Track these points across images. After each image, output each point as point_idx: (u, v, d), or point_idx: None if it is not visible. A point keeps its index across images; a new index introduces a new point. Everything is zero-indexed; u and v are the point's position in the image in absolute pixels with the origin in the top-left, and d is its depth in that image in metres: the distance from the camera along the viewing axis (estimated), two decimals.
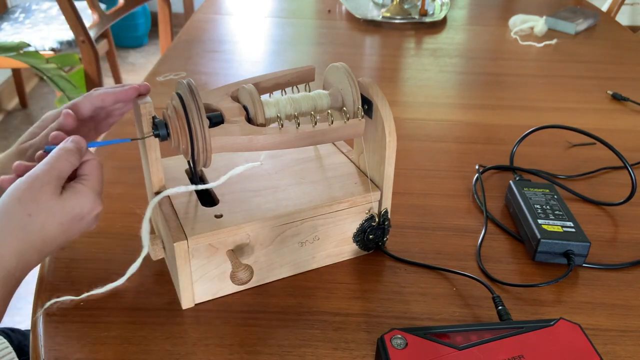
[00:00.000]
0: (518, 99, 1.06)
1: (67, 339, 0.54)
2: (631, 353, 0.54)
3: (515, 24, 1.40)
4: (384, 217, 0.62)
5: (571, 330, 0.51)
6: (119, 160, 0.81)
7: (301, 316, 0.57)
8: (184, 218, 0.55)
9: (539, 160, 0.85)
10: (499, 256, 0.66)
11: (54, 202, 0.47)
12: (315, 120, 0.56)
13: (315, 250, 0.61)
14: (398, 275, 0.62)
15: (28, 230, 0.46)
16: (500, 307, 0.56)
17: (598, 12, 1.53)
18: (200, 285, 0.56)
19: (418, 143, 0.90)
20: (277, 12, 1.54)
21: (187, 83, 0.53)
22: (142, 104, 0.53)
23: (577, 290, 0.61)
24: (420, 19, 1.44)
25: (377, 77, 1.15)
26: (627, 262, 0.65)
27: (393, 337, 0.49)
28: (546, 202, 0.69)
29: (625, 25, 1.52)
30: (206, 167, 0.54)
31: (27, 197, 0.46)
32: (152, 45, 3.37)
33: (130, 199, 0.73)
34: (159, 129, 0.53)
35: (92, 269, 0.62)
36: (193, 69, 1.12)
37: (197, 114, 0.51)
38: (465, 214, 0.73)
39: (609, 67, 1.21)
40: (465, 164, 0.83)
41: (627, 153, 0.76)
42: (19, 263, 0.46)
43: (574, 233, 0.64)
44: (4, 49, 1.51)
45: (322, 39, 1.38)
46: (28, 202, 0.46)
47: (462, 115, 1.00)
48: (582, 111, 1.02)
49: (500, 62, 1.24)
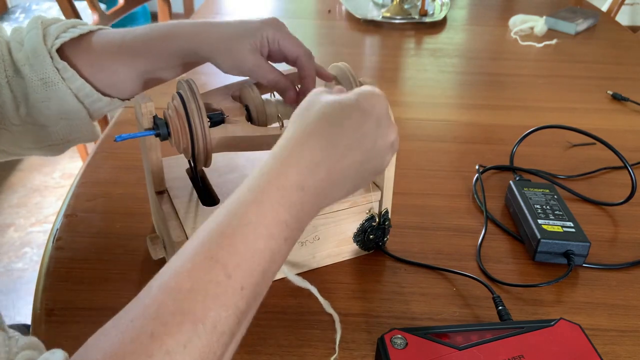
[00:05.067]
0: (518, 99, 1.06)
1: (67, 339, 0.54)
2: (631, 353, 0.54)
3: (515, 24, 1.40)
4: (385, 217, 0.62)
5: (571, 331, 0.51)
6: (119, 160, 0.81)
7: (301, 316, 0.57)
8: (185, 217, 0.55)
9: (539, 160, 0.85)
10: (499, 256, 0.66)
11: (327, 95, 0.44)
12: None
13: (316, 250, 0.61)
14: (398, 275, 0.62)
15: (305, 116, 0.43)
16: (500, 307, 0.56)
17: (598, 12, 1.53)
18: None
19: (418, 143, 0.90)
20: (277, 12, 1.54)
21: (187, 83, 0.53)
22: (143, 104, 0.53)
23: (577, 290, 0.61)
24: (420, 19, 1.44)
25: (377, 77, 1.15)
26: (627, 262, 0.65)
27: (393, 337, 0.49)
28: (546, 202, 0.69)
29: (625, 25, 1.52)
30: (207, 166, 0.55)
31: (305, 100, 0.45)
32: None
33: (130, 199, 0.73)
34: (160, 129, 0.53)
35: (92, 269, 0.62)
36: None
37: (197, 114, 0.51)
38: (465, 214, 0.73)
39: (609, 67, 1.21)
40: (465, 164, 0.83)
41: (627, 153, 0.76)
42: None
43: (574, 233, 0.64)
44: None
45: (322, 39, 1.38)
46: (305, 102, 0.44)
47: (462, 115, 1.00)
48: (582, 111, 1.02)
49: (500, 62, 1.24)
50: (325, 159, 0.41)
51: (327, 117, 0.42)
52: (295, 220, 0.39)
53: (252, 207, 0.38)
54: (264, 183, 0.39)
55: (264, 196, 0.38)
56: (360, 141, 0.42)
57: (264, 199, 0.38)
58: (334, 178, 0.41)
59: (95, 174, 0.78)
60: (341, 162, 0.41)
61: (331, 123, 0.42)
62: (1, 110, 0.57)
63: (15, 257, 1.78)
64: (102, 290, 0.59)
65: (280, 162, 0.40)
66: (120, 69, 0.58)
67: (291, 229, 0.39)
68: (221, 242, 0.36)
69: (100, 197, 0.73)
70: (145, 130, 0.53)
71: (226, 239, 0.36)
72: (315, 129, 0.41)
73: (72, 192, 0.74)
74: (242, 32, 0.56)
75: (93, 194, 0.74)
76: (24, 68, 0.56)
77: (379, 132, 0.43)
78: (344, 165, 0.42)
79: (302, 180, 0.39)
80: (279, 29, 0.57)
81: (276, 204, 0.38)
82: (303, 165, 0.40)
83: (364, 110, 0.42)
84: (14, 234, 1.87)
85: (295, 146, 0.41)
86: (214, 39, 0.56)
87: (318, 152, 0.40)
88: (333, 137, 0.41)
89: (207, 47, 0.56)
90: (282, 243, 0.38)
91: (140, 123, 0.55)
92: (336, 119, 0.42)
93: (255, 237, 0.37)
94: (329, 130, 0.41)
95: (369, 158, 0.43)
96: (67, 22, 0.59)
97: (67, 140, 0.62)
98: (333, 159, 0.41)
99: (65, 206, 0.72)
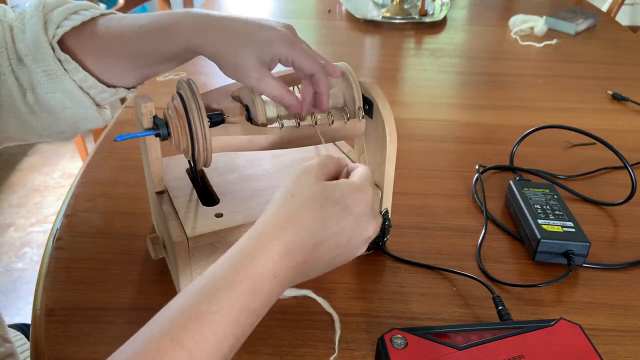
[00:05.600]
0: (518, 99, 1.06)
1: (67, 339, 0.54)
2: (631, 353, 0.54)
3: (515, 24, 1.40)
4: (385, 217, 0.62)
5: (571, 330, 0.51)
6: (119, 160, 0.81)
7: (301, 316, 0.57)
8: (185, 217, 0.55)
9: (539, 160, 0.85)
10: (499, 256, 0.66)
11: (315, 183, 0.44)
12: (315, 120, 0.56)
13: None
14: (398, 275, 0.62)
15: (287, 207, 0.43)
16: (500, 307, 0.56)
17: (598, 12, 1.53)
18: None
19: (418, 143, 0.90)
20: (277, 12, 1.54)
21: (187, 83, 0.53)
22: (143, 104, 0.53)
23: (577, 290, 0.61)
24: (420, 19, 1.44)
25: (377, 77, 1.15)
26: (627, 262, 0.65)
27: (393, 337, 0.49)
28: (546, 202, 0.69)
29: (625, 25, 1.52)
30: (207, 166, 0.55)
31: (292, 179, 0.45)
32: None
33: (130, 199, 0.73)
34: (160, 129, 0.53)
35: (92, 269, 0.62)
36: (193, 69, 1.12)
37: (197, 114, 0.51)
38: (465, 214, 0.73)
39: (609, 67, 1.21)
40: (465, 164, 0.83)
41: (627, 153, 0.76)
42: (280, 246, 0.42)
43: (574, 233, 0.64)
44: None
45: (322, 39, 1.38)
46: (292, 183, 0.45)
47: (462, 115, 1.00)
48: (582, 111, 1.02)
49: (500, 62, 1.24)
50: (301, 249, 0.41)
51: (310, 208, 0.42)
52: (264, 307, 0.40)
53: (223, 294, 0.38)
54: (239, 269, 0.39)
55: (236, 285, 0.39)
56: (337, 236, 0.43)
57: (236, 288, 0.38)
58: (305, 267, 0.43)
59: (95, 174, 0.78)
60: (314, 253, 0.42)
61: (312, 216, 0.42)
62: (8, 98, 0.57)
63: (15, 257, 1.78)
64: (102, 290, 0.59)
65: (258, 247, 0.41)
66: (121, 63, 0.57)
67: (258, 315, 0.40)
68: (190, 327, 0.36)
69: (100, 197, 0.73)
70: (145, 130, 0.53)
71: (195, 324, 0.36)
72: (296, 218, 0.42)
73: (72, 192, 0.74)
74: (252, 42, 0.53)
75: (93, 194, 0.74)
76: (26, 59, 0.55)
77: (357, 230, 0.44)
78: (316, 256, 0.43)
79: (277, 269, 0.40)
80: (293, 46, 0.54)
81: (248, 293, 0.39)
82: (279, 254, 0.40)
83: (345, 207, 0.43)
84: (14, 234, 1.87)
85: (274, 232, 0.41)
86: (221, 44, 0.53)
87: (296, 242, 0.41)
88: (312, 229, 0.42)
89: (212, 49, 0.54)
90: (247, 329, 0.39)
91: (140, 123, 0.55)
92: (318, 212, 0.42)
93: (223, 325, 0.37)
94: (309, 222, 0.42)
95: (342, 252, 0.44)
96: (69, 6, 0.57)
97: (76, 127, 0.61)
98: (308, 249, 0.42)
99: (65, 206, 0.72)
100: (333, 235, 0.43)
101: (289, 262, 0.41)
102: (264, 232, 0.41)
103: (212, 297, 0.38)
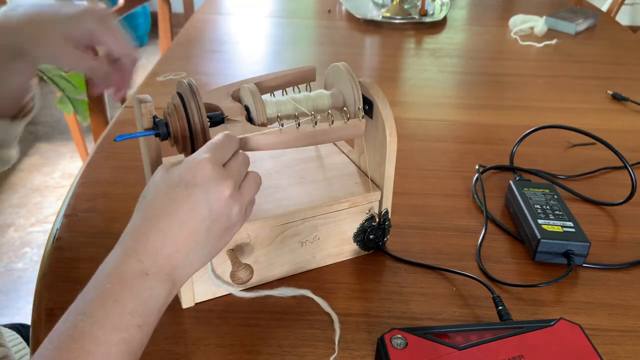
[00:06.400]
0: (518, 99, 1.06)
1: None
2: (631, 353, 0.54)
3: (515, 24, 1.40)
4: (385, 217, 0.62)
5: (571, 330, 0.51)
6: (119, 160, 0.81)
7: (301, 316, 0.57)
8: None
9: (539, 160, 0.85)
10: (499, 256, 0.66)
11: (160, 177, 0.45)
12: (315, 120, 0.56)
13: (316, 250, 0.61)
14: (398, 275, 0.62)
15: (140, 207, 0.45)
16: (500, 307, 0.56)
17: (598, 12, 1.53)
18: (201, 284, 0.56)
19: (418, 143, 0.90)
20: (277, 12, 1.54)
21: (187, 83, 0.53)
22: (143, 104, 0.53)
23: (577, 290, 0.61)
24: (420, 19, 1.44)
25: (377, 77, 1.15)
26: (627, 262, 0.65)
27: (393, 337, 0.49)
28: (546, 202, 0.69)
29: (625, 25, 1.52)
30: None
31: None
32: (152, 45, 3.37)
33: (130, 199, 0.73)
34: (160, 129, 0.53)
35: (92, 269, 0.62)
36: (193, 69, 1.12)
37: (197, 114, 0.51)
38: (465, 214, 0.73)
39: (609, 67, 1.21)
40: (465, 164, 0.83)
41: (627, 153, 0.76)
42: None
43: (574, 233, 0.64)
44: None
45: (322, 39, 1.38)
46: (146, 186, 0.46)
47: (462, 115, 1.00)
48: (582, 111, 1.02)
49: (500, 62, 1.24)
50: (164, 240, 0.42)
51: (158, 199, 0.43)
52: (145, 306, 0.40)
53: (96, 305, 0.39)
54: (106, 278, 0.40)
55: (106, 293, 0.39)
56: (196, 212, 0.43)
57: (107, 296, 0.39)
58: (183, 252, 0.43)
59: (95, 174, 0.78)
60: (181, 237, 0.42)
61: (162, 204, 0.43)
62: None
63: (15, 257, 1.78)
64: None
65: (122, 254, 0.42)
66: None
67: (143, 315, 0.40)
68: (72, 346, 0.37)
69: (100, 197, 0.73)
70: (145, 130, 0.53)
71: (77, 342, 0.37)
72: (149, 214, 0.43)
73: (72, 192, 0.74)
74: (57, 19, 0.53)
75: (93, 194, 0.74)
76: None
77: (211, 196, 0.43)
78: (187, 238, 0.43)
79: (145, 267, 0.41)
80: (103, 21, 0.54)
81: (120, 297, 0.39)
82: (143, 253, 0.41)
83: (187, 183, 0.43)
84: (14, 234, 1.87)
85: (133, 236, 0.42)
86: (30, 31, 0.53)
87: (156, 236, 0.42)
88: (166, 216, 0.42)
89: (21, 39, 0.53)
90: (135, 331, 0.39)
91: (140, 123, 0.55)
92: (164, 199, 0.43)
93: (104, 334, 0.38)
94: (161, 211, 0.43)
95: (214, 222, 0.44)
96: None
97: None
98: (172, 237, 0.42)
99: (65, 206, 0.72)
100: (190, 212, 0.43)
101: (159, 256, 0.41)
102: (124, 240, 0.43)
103: (88, 311, 0.38)
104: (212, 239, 0.44)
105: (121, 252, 0.42)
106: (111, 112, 1.06)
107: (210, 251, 0.45)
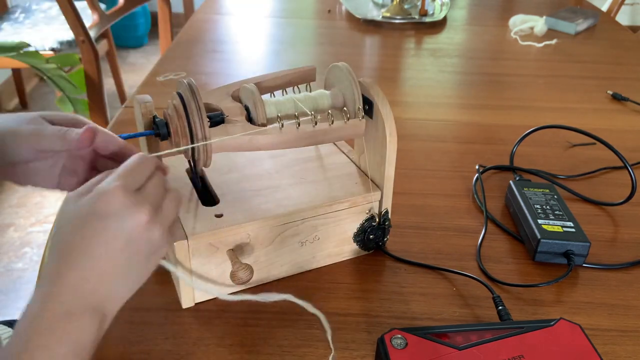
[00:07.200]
0: (518, 99, 1.06)
1: None
2: (631, 353, 0.54)
3: (515, 24, 1.40)
4: (385, 217, 0.62)
5: (571, 330, 0.51)
6: None
7: (301, 316, 0.57)
8: (185, 217, 0.55)
9: (539, 160, 0.85)
10: (499, 256, 0.66)
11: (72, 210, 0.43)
12: (315, 120, 0.56)
13: (316, 250, 0.61)
14: (398, 275, 0.62)
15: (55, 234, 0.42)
16: (500, 307, 0.56)
17: (598, 12, 1.53)
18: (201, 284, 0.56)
19: (418, 143, 0.90)
20: (277, 12, 1.54)
21: (187, 83, 0.53)
22: (143, 104, 0.53)
23: (577, 290, 0.61)
24: (420, 19, 1.44)
25: (377, 77, 1.15)
26: (627, 262, 0.65)
27: (393, 337, 0.49)
28: (546, 202, 0.69)
29: (625, 25, 1.52)
30: (206, 166, 0.55)
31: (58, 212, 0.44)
32: (152, 45, 3.37)
33: None
34: (160, 129, 0.53)
35: None
36: (193, 69, 1.12)
37: (197, 114, 0.51)
38: (465, 214, 0.73)
39: (609, 67, 1.21)
40: (465, 164, 0.83)
41: (627, 153, 0.76)
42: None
43: (574, 233, 0.64)
44: (4, 49, 1.51)
45: (322, 39, 1.38)
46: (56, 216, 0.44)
47: (462, 115, 1.00)
48: (582, 111, 1.02)
49: (500, 62, 1.24)
50: (82, 279, 0.40)
51: (70, 239, 0.41)
52: (76, 345, 0.39)
53: (26, 358, 0.37)
54: (30, 328, 0.38)
55: (33, 343, 0.38)
56: (112, 244, 0.41)
57: (35, 346, 0.38)
58: (106, 283, 0.41)
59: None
60: (101, 273, 0.41)
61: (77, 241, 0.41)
62: None
63: (15, 257, 1.78)
64: None
65: (41, 299, 0.39)
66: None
67: (76, 354, 0.39)
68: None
69: None
70: (145, 130, 0.53)
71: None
72: (63, 254, 0.40)
73: None
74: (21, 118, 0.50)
75: None
76: None
77: (125, 225, 0.41)
78: (108, 273, 0.41)
79: (68, 307, 0.39)
80: None
81: (49, 344, 0.38)
82: (64, 294, 0.39)
83: (99, 216, 0.41)
84: (14, 234, 1.87)
85: (49, 279, 0.40)
86: None
87: (75, 274, 0.40)
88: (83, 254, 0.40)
89: None
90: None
91: (140, 123, 0.55)
92: (79, 234, 0.41)
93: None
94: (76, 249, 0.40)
95: (136, 252, 0.42)
96: None
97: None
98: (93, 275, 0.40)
99: None
100: (107, 246, 0.41)
101: (79, 293, 0.40)
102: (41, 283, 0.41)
103: None
104: (137, 266, 0.43)
105: (40, 298, 0.39)
106: (111, 112, 1.06)
107: (137, 278, 0.43)
